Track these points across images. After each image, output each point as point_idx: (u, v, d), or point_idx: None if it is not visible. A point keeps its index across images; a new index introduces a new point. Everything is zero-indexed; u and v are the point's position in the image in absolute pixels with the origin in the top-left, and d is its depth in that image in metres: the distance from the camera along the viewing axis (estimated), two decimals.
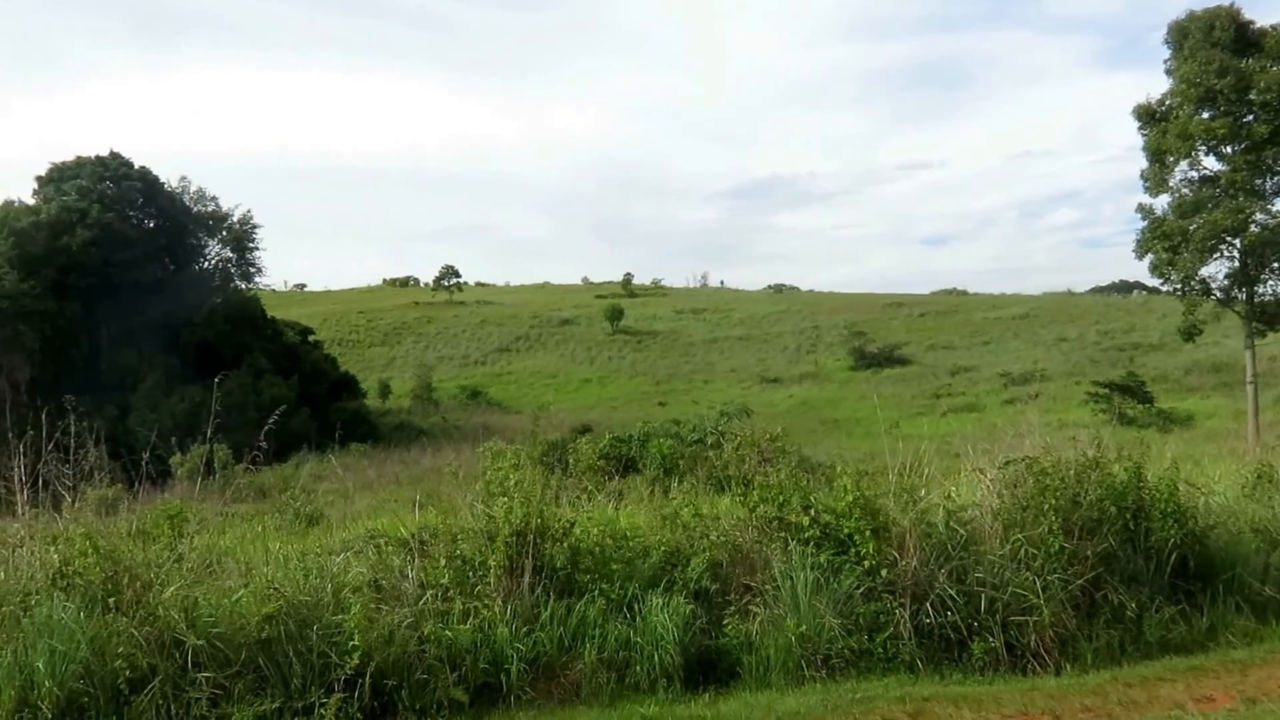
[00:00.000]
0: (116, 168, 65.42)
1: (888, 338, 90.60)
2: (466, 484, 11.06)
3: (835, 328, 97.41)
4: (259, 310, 73.09)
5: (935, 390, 70.20)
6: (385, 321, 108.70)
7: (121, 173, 65.32)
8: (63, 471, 9.39)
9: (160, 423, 44.80)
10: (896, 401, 64.02)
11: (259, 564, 9.18)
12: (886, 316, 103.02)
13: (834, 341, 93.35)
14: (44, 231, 59.52)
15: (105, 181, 64.22)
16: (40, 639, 7.70)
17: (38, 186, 65.44)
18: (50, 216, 60.29)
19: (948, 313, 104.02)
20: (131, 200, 65.37)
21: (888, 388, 71.03)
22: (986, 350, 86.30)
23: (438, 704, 7.95)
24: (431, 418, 73.75)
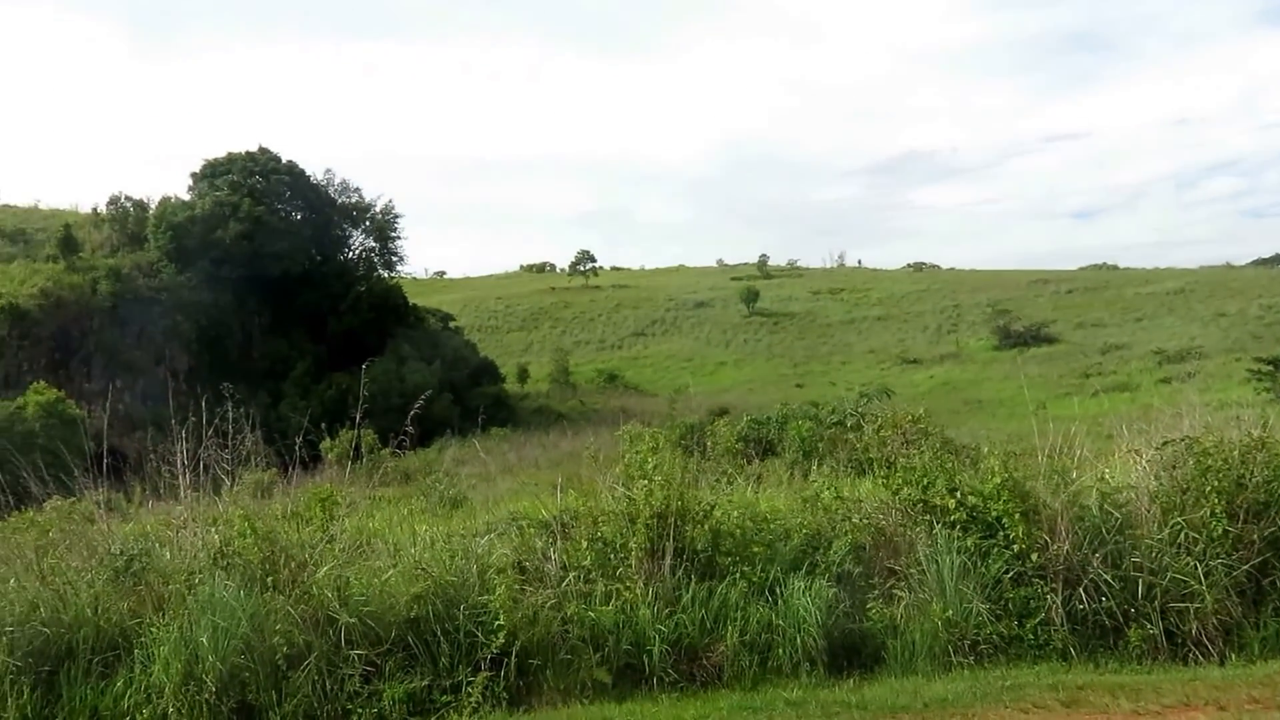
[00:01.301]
0: (265, 162, 67.65)
1: (1033, 316, 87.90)
2: (606, 467, 11.16)
3: (978, 306, 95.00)
4: (401, 298, 74.86)
5: (1084, 369, 67.87)
6: (523, 307, 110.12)
7: (270, 167, 67.50)
8: (222, 456, 9.81)
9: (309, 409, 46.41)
10: (1043, 381, 62.10)
11: (407, 545, 9.43)
12: (1032, 294, 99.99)
13: (976, 320, 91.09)
14: (198, 226, 61.90)
15: (255, 176, 66.40)
16: (204, 616, 8.06)
17: (192, 183, 68.02)
18: (204, 211, 62.66)
19: (1097, 289, 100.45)
20: (280, 193, 67.50)
21: (1033, 367, 68.94)
22: (1139, 327, 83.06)
23: (581, 685, 8.06)
24: (569, 402, 74.50)
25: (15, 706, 7.82)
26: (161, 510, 10.99)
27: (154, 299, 59.76)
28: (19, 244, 65.00)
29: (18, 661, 7.94)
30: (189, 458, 9.74)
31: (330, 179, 73.27)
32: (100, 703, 7.95)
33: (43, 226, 68.40)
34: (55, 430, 37.42)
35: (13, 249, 64.36)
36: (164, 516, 10.36)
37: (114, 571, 8.82)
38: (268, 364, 62.59)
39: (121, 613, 8.49)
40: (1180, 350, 67.42)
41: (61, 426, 38.31)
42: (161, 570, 8.87)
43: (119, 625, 8.40)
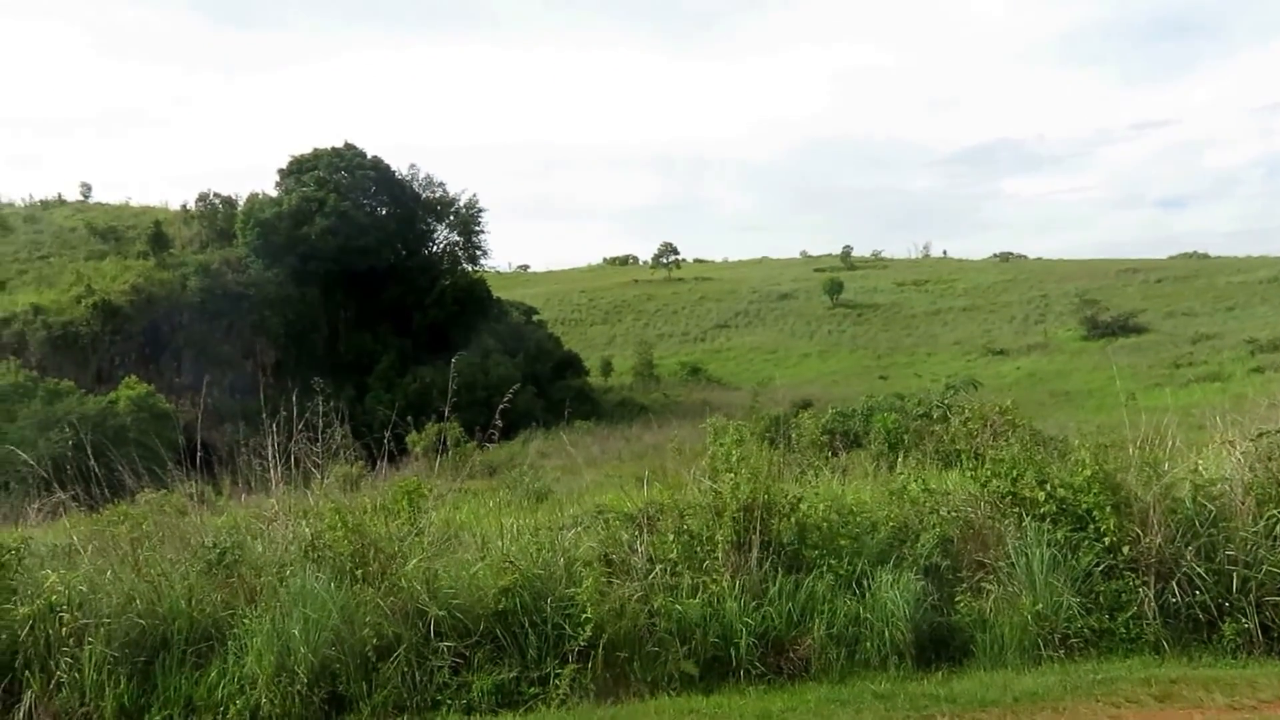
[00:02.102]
0: (351, 158, 68.59)
1: (1122, 305, 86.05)
2: (690, 460, 11.11)
3: (1065, 296, 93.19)
4: (485, 292, 75.53)
5: (1174, 359, 66.29)
6: (606, 300, 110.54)
7: (355, 162, 68.43)
8: (312, 449, 9.94)
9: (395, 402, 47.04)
10: (1132, 372, 60.73)
11: (494, 538, 9.46)
12: (1120, 283, 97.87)
13: (1064, 310, 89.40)
14: (285, 221, 62.96)
15: (340, 172, 67.33)
16: (295, 608, 8.17)
17: (279, 179, 69.21)
18: (291, 207, 63.72)
19: (1187, 278, 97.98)
20: (365, 189, 68.39)
21: (1123, 357, 67.48)
22: (1231, 316, 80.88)
23: (668, 677, 8.03)
24: (652, 394, 74.65)
25: (113, 696, 7.99)
26: (251, 503, 11.16)
27: (242, 294, 61.00)
28: (111, 241, 66.62)
29: (115, 652, 8.11)
30: (279, 451, 9.88)
31: (415, 174, 74.16)
32: (195, 693, 8.08)
33: (133, 224, 70.08)
34: (146, 424, 38.38)
35: (105, 246, 66.00)
36: (255, 509, 10.52)
37: (207, 564, 8.96)
38: (353, 358, 63.57)
39: (215, 604, 8.62)
40: (1273, 340, 65.63)
41: (152, 420, 39.26)
42: (253, 562, 9.00)
43: (212, 617, 8.54)
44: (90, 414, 35.17)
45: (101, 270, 60.54)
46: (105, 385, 47.59)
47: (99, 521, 10.70)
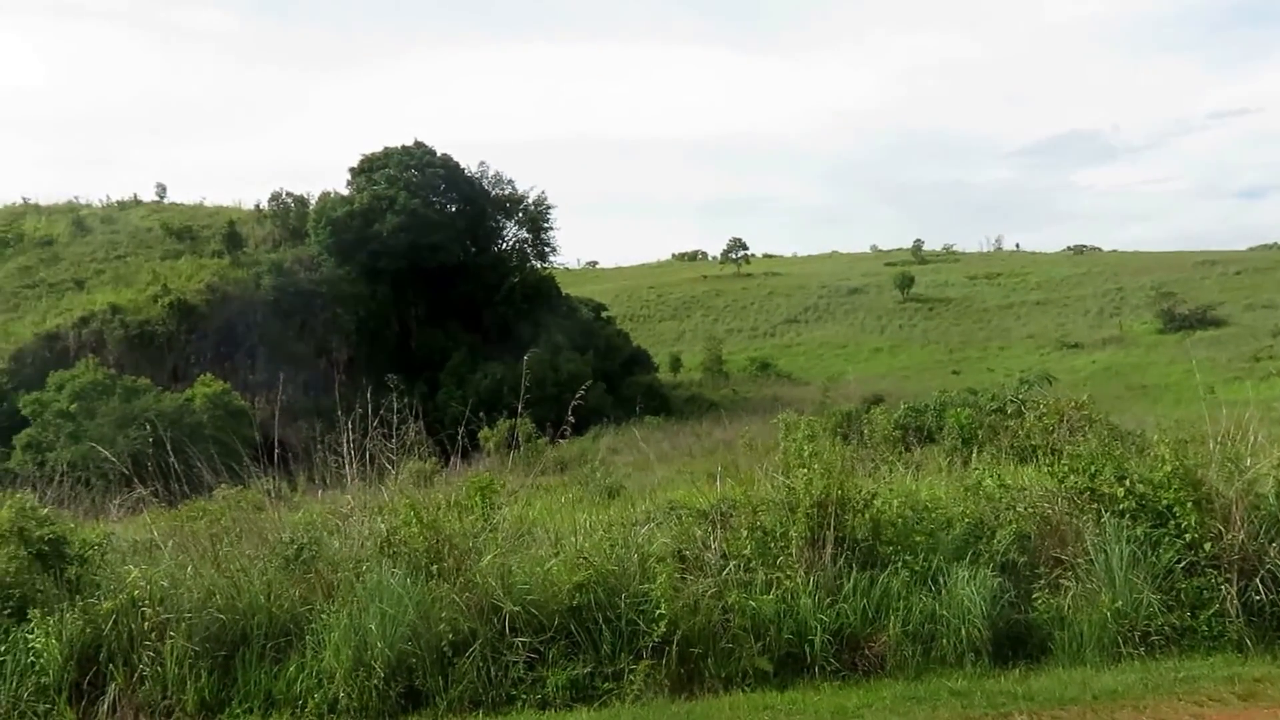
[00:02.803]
0: (421, 156, 69.08)
1: (1200, 298, 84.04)
2: (762, 455, 11.05)
3: (1141, 289, 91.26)
4: (554, 288, 75.79)
5: (1255, 352, 64.70)
6: (675, 296, 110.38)
7: (425, 160, 68.90)
8: (387, 446, 10.03)
9: (466, 398, 47.39)
10: (1211, 365, 59.34)
11: (567, 534, 9.49)
12: (1198, 275, 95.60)
13: (1140, 303, 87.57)
14: (357, 220, 63.54)
15: (411, 170, 67.81)
16: (372, 603, 8.25)
17: (350, 177, 69.69)
18: (362, 205, 64.26)
19: (1268, 269, 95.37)
20: (435, 186, 68.80)
21: (1201, 351, 65.96)
22: None
23: (743, 673, 8.00)
24: (722, 390, 74.41)
25: (194, 690, 8.14)
26: (325, 499, 11.30)
27: (314, 292, 61.76)
28: (186, 241, 67.68)
29: (195, 646, 8.26)
30: (354, 447, 9.99)
31: (484, 171, 74.45)
32: (274, 687, 8.21)
33: (208, 224, 71.17)
34: (222, 421, 39.04)
35: (180, 246, 67.06)
36: (331, 505, 10.65)
37: (285, 559, 9.09)
38: (424, 354, 64.07)
39: (293, 599, 8.74)
40: None
41: (228, 417, 39.95)
42: (330, 558, 9.11)
43: (290, 612, 8.65)
44: (167, 411, 35.89)
45: (177, 270, 61.62)
46: (181, 383, 48.43)
47: (178, 517, 10.91)
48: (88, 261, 65.44)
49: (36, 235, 69.43)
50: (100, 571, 9.14)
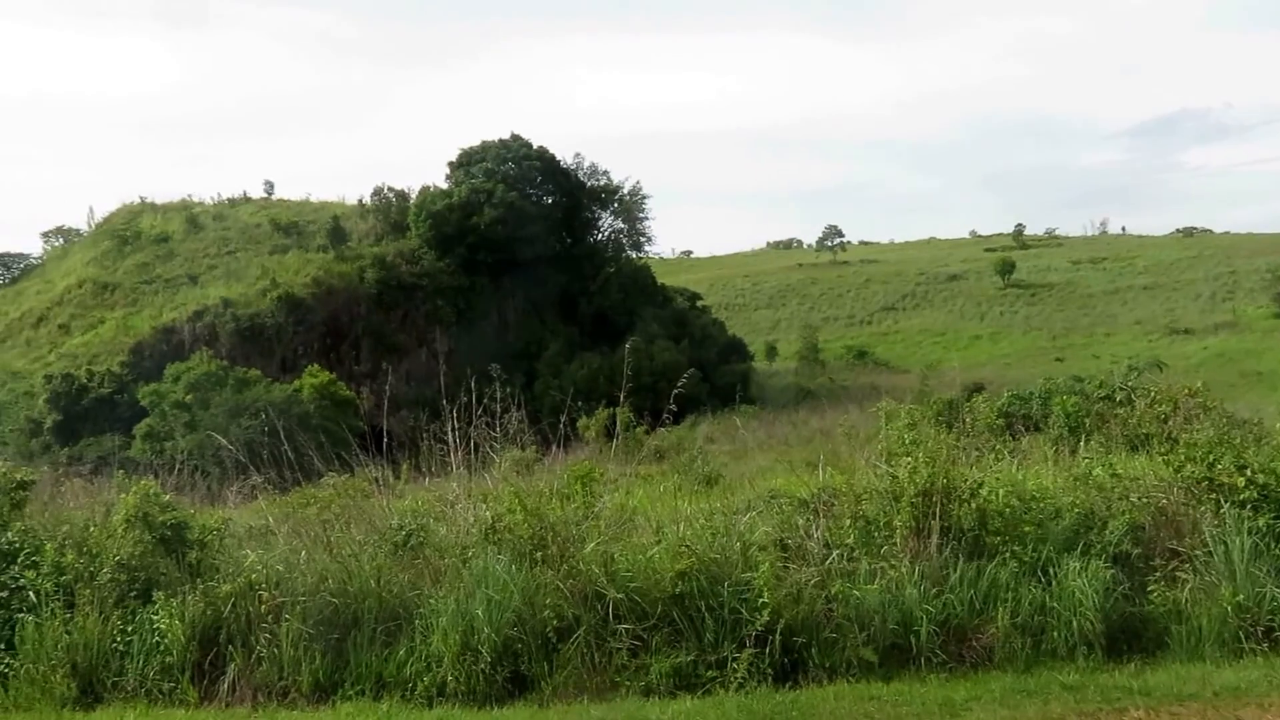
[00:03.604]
0: (518, 149, 69.88)
1: None
2: (861, 444, 10.95)
3: (1256, 272, 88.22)
4: (649, 278, 76.04)
5: None
6: (770, 284, 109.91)
7: (522, 153, 69.69)
8: (490, 434, 10.17)
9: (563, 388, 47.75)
10: None
11: (668, 522, 9.51)
12: None
13: (1255, 287, 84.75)
14: (456, 213, 64.59)
15: (508, 163, 68.71)
16: (478, 589, 8.39)
17: (449, 171, 71.06)
18: (461, 199, 65.30)
19: None
20: (531, 179, 69.61)
21: None
22: None
23: (847, 663, 7.94)
24: (818, 379, 73.99)
25: (308, 671, 8.37)
26: (428, 486, 11.49)
27: (415, 284, 62.90)
28: (293, 236, 69.44)
29: (310, 629, 8.48)
30: (459, 436, 10.15)
31: (579, 163, 75.12)
32: (384, 670, 8.39)
33: (313, 219, 72.89)
34: (328, 411, 39.90)
35: (287, 241, 68.82)
36: (436, 493, 10.82)
37: (394, 545, 9.28)
38: (522, 345, 64.79)
39: (402, 584, 8.92)
40: None
41: (334, 407, 40.84)
42: (437, 544, 9.29)
43: (399, 596, 8.83)
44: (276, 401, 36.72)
45: (284, 264, 63.26)
46: (289, 374, 49.66)
47: (289, 504, 11.20)
48: (201, 257, 67.56)
49: (153, 233, 71.99)
50: (219, 556, 9.44)
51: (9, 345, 63.13)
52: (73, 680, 8.50)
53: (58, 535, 9.65)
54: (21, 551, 9.39)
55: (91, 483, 14.04)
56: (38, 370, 54.52)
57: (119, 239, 71.76)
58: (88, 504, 11.01)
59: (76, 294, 65.72)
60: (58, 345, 59.43)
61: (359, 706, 8.05)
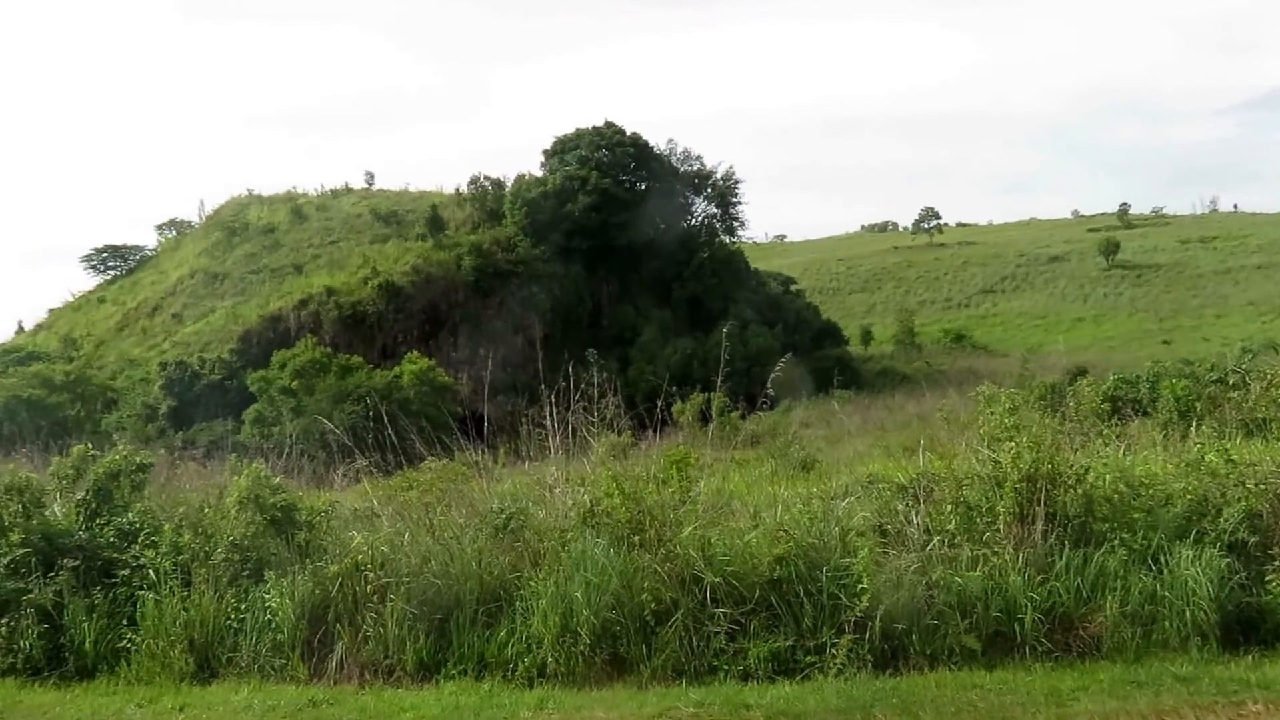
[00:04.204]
0: (611, 136, 70.04)
1: None
2: (960, 429, 10.78)
3: None
4: (743, 263, 75.71)
5: None
6: (864, 268, 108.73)
7: (615, 140, 69.82)
8: (587, 419, 10.24)
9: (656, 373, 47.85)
10: None
11: (765, 507, 9.48)
12: None
13: None
14: (550, 200, 65.11)
15: (601, 150, 68.94)
16: (576, 572, 8.46)
17: (544, 159, 71.59)
18: (555, 186, 65.80)
19: None
20: (625, 165, 69.70)
21: None
22: None
23: (948, 650, 7.84)
24: (914, 363, 73.12)
25: (413, 650, 8.55)
26: (524, 470, 11.60)
27: (511, 272, 63.52)
28: (392, 225, 70.50)
29: (413, 609, 8.66)
30: (557, 421, 10.23)
31: (672, 148, 75.07)
32: (486, 650, 8.53)
33: (412, 208, 73.83)
34: (428, 396, 40.50)
35: (387, 230, 69.93)
36: (534, 476, 10.93)
37: (494, 528, 9.40)
38: (616, 330, 65.07)
39: (502, 566, 9.04)
40: None
41: (433, 393, 41.43)
42: (536, 527, 9.38)
43: (500, 578, 8.95)
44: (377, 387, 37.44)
45: (384, 253, 64.35)
46: (389, 360, 50.53)
47: (391, 487, 11.41)
48: (305, 247, 69.05)
49: (260, 224, 73.86)
50: (326, 537, 9.69)
51: (126, 334, 65.45)
52: (190, 655, 8.83)
53: (175, 516, 10.04)
54: (142, 531, 9.80)
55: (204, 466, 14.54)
56: (153, 358, 56.37)
57: (228, 230, 73.74)
58: (202, 486, 11.38)
59: (189, 284, 67.76)
60: (171, 334, 61.38)
61: (462, 686, 8.20)
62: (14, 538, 9.52)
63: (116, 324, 68.01)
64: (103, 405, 45.52)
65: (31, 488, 10.16)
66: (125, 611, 9.30)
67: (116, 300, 74.22)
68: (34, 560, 9.49)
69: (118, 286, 78.47)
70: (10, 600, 9.29)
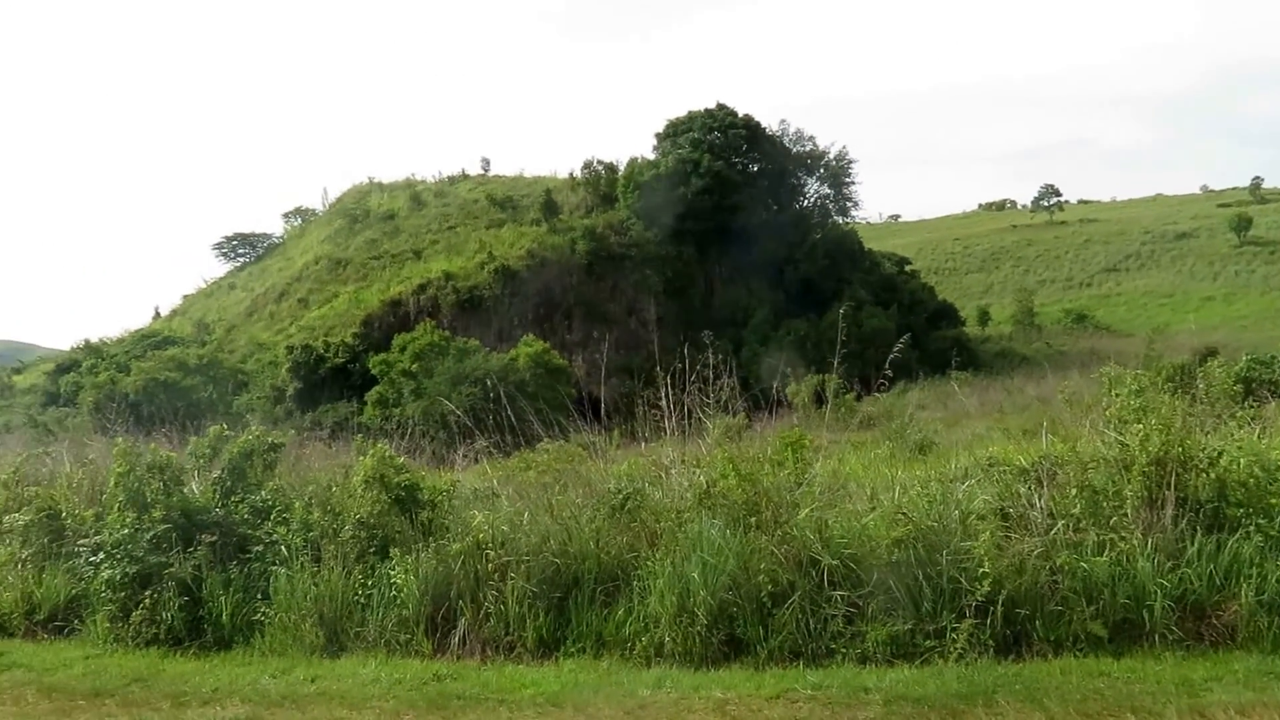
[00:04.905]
0: (723, 118, 69.87)
1: None
2: (1083, 411, 10.53)
3: None
4: (856, 244, 74.89)
5: None
6: (982, 247, 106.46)
7: (728, 122, 69.63)
8: (703, 400, 10.27)
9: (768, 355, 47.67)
10: None
11: (882, 489, 9.40)
12: None
13: None
14: (663, 183, 65.21)
15: (714, 132, 68.82)
16: (693, 552, 8.52)
17: (656, 142, 71.79)
18: (668, 169, 65.88)
19: None
20: (737, 147, 69.47)
21: None
22: None
23: (1073, 637, 7.68)
24: (1034, 344, 71.55)
25: (533, 628, 8.72)
26: (639, 452, 11.69)
27: (624, 255, 63.86)
28: (508, 210, 71.40)
29: (533, 587, 8.83)
30: (672, 403, 10.29)
31: (784, 129, 74.67)
32: (604, 629, 8.65)
33: (527, 193, 74.66)
34: (543, 379, 40.91)
35: (503, 215, 70.83)
36: (650, 457, 11.00)
37: (611, 508, 9.50)
38: (728, 313, 64.95)
39: (619, 546, 9.15)
40: None
41: (548, 375, 41.83)
42: (653, 508, 9.45)
43: (617, 558, 9.06)
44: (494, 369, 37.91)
45: (500, 237, 65.23)
46: (505, 343, 51.16)
47: (510, 467, 11.62)
48: (424, 233, 70.38)
49: (380, 211, 75.66)
50: (448, 516, 9.92)
51: (255, 319, 67.66)
52: (320, 629, 9.13)
53: (304, 494, 10.41)
54: (274, 509, 10.17)
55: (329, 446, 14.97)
56: (280, 341, 58.09)
57: (350, 217, 75.67)
58: (328, 466, 11.74)
59: (313, 270, 69.64)
60: (297, 318, 63.17)
61: (581, 663, 8.33)
62: (156, 514, 9.96)
63: (246, 309, 70.42)
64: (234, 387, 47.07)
65: (171, 466, 10.61)
66: (259, 586, 9.67)
67: (246, 286, 76.94)
68: (174, 535, 9.92)
69: (247, 273, 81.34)
70: (153, 573, 9.73)
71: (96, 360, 56.90)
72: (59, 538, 11.22)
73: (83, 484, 12.67)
